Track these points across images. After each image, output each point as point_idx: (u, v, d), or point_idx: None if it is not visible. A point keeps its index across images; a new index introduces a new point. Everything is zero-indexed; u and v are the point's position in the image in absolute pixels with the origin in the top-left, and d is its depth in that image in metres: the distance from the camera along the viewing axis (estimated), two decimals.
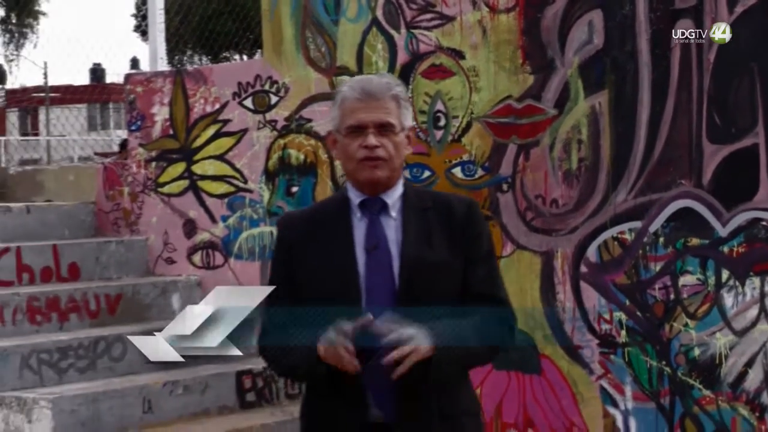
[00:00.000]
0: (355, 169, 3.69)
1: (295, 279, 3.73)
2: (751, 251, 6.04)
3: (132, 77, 8.60)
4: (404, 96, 3.76)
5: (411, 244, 3.66)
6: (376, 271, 3.66)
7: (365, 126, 3.63)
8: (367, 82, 3.75)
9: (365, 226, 3.71)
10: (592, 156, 6.48)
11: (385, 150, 3.64)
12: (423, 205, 3.77)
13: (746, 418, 6.06)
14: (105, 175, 8.46)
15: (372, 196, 3.72)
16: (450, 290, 3.70)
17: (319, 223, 3.76)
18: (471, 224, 3.77)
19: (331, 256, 3.67)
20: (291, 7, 7.58)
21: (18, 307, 7.05)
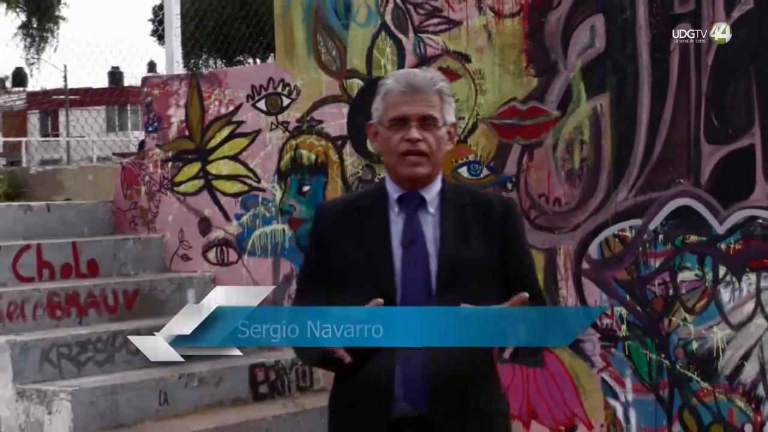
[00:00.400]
0: (396, 163, 3.61)
1: (330, 268, 3.66)
2: (747, 248, 6.05)
3: (149, 80, 8.61)
4: (448, 91, 3.67)
5: (448, 242, 3.57)
6: (412, 267, 3.58)
7: (408, 119, 3.56)
8: (412, 75, 3.65)
9: (402, 221, 3.62)
10: (593, 156, 6.49)
11: (426, 144, 3.56)
12: (461, 202, 3.68)
13: (743, 410, 6.06)
14: (123, 175, 8.47)
15: (411, 191, 3.63)
16: (486, 288, 3.57)
17: (357, 215, 3.68)
18: (509, 223, 3.69)
19: (368, 249, 3.59)
20: (303, 12, 7.59)
21: (38, 302, 7.06)
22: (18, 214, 7.96)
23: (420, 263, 3.57)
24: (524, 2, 6.71)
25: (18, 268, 7.33)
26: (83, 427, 6.37)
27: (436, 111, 3.58)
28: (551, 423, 6.55)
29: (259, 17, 14.08)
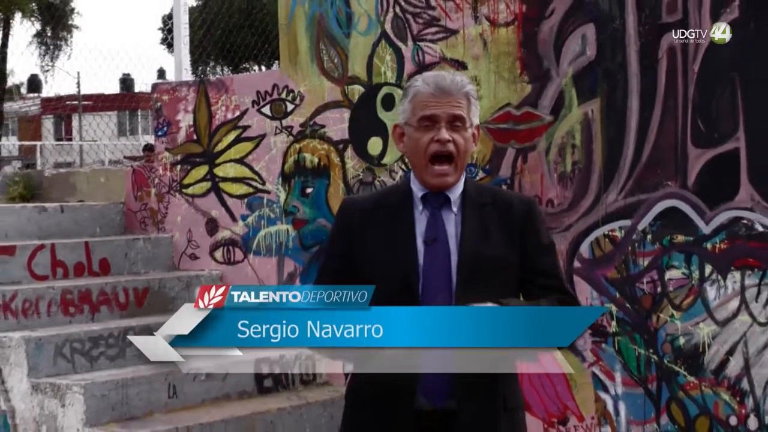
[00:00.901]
0: (425, 167, 3.57)
1: (356, 260, 3.63)
2: (732, 248, 6.05)
3: (159, 87, 8.61)
4: (474, 94, 3.63)
5: (468, 239, 3.54)
6: (434, 263, 3.54)
7: (438, 119, 3.51)
8: (441, 78, 3.59)
9: (426, 219, 3.58)
10: (585, 159, 6.49)
11: (455, 145, 3.52)
12: (482, 201, 3.63)
13: (728, 403, 6.07)
14: (133, 177, 8.47)
15: (435, 192, 3.60)
16: (506, 284, 3.57)
17: (384, 212, 3.64)
18: (530, 221, 3.65)
19: (393, 245, 3.56)
20: (306, 22, 7.60)
21: (53, 299, 7.07)
22: (33, 215, 7.97)
23: (441, 260, 3.54)
24: (518, 12, 6.72)
25: (33, 267, 7.34)
26: (95, 419, 6.37)
27: (464, 112, 3.55)
28: (544, 415, 6.56)
29: (264, 26, 14.09)
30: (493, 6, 6.81)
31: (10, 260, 7.24)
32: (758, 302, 5.98)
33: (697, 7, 6.13)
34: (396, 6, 7.18)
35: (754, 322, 6.00)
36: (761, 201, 5.96)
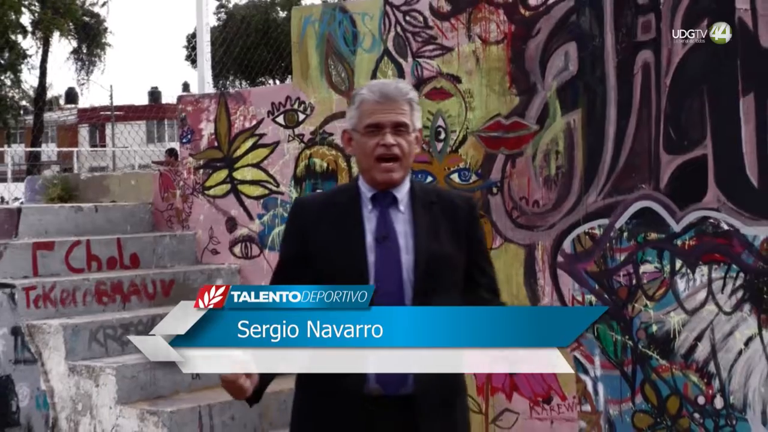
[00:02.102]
0: (371, 167, 3.46)
1: (309, 257, 3.47)
2: (700, 244, 6.04)
3: (183, 98, 8.61)
4: (416, 100, 3.52)
5: (422, 237, 3.41)
6: (385, 260, 3.39)
7: (383, 126, 3.41)
8: (385, 86, 3.49)
9: (375, 218, 3.44)
10: (567, 164, 6.48)
11: (399, 148, 3.42)
12: (429, 200, 3.51)
13: (696, 384, 6.06)
14: (161, 180, 8.47)
15: (382, 191, 3.47)
16: (455, 283, 3.45)
17: (331, 211, 3.51)
18: (473, 221, 3.56)
19: (343, 243, 3.42)
20: (316, 40, 7.59)
21: (88, 290, 7.07)
22: (70, 214, 7.97)
23: (393, 257, 3.41)
24: (507, 31, 6.71)
25: (70, 261, 7.34)
26: (126, 397, 6.38)
27: (407, 118, 3.44)
28: (530, 395, 6.55)
29: (279, 44, 14.08)
30: (485, 26, 6.81)
31: (50, 255, 7.24)
32: (723, 293, 5.97)
33: (669, 27, 6.12)
34: (397, 26, 7.17)
35: (719, 311, 5.99)
36: (726, 202, 5.95)
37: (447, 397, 3.51)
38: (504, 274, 6.58)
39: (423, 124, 6.85)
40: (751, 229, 5.89)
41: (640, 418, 6.24)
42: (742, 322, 5.94)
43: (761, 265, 5.86)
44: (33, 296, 6.74)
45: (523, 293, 6.55)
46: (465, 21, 6.88)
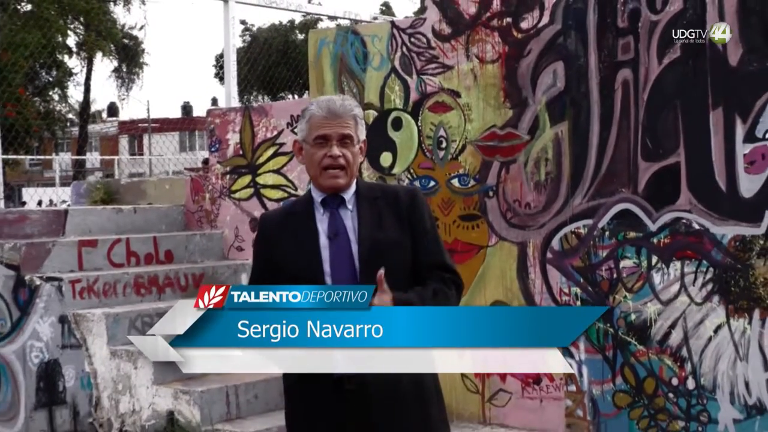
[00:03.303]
0: (319, 175, 3.43)
1: (273, 264, 3.43)
2: (674, 242, 6.04)
3: (212, 112, 8.63)
4: (361, 115, 3.52)
5: (365, 228, 3.38)
6: (339, 254, 3.35)
7: (330, 138, 3.39)
8: (332, 102, 3.47)
9: (327, 219, 3.42)
10: (555, 170, 6.48)
11: (345, 158, 3.40)
12: (373, 195, 3.48)
13: (670, 367, 6.05)
14: (192, 185, 8.49)
15: (332, 195, 3.45)
16: (402, 264, 3.36)
17: (291, 219, 3.49)
18: (414, 208, 3.45)
19: (301, 244, 3.39)
20: (330, 59, 7.60)
21: (127, 283, 7.09)
22: (111, 214, 8.00)
23: (344, 250, 3.36)
24: (502, 51, 6.71)
25: (111, 257, 7.37)
26: (161, 378, 6.40)
27: (352, 131, 3.44)
28: (522, 376, 6.55)
29: (297, 63, 14.11)
30: (482, 47, 6.81)
31: (93, 251, 7.27)
32: (695, 286, 5.97)
33: (646, 48, 6.12)
34: (403, 46, 7.18)
35: (691, 302, 5.99)
36: (697, 204, 5.95)
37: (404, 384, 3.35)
38: (499, 269, 6.59)
39: (426, 134, 6.93)
40: (719, 228, 5.89)
41: (620, 397, 6.23)
42: (711, 312, 5.93)
43: (729, 260, 5.86)
44: (78, 288, 6.76)
45: (516, 286, 6.55)
46: (464, 42, 6.89)
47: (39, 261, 6.94)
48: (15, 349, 6.73)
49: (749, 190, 5.81)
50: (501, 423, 6.68)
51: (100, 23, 27.66)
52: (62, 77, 25.50)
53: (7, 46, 16.25)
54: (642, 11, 6.15)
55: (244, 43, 34.19)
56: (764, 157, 5.77)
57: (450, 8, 6.96)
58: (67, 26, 26.32)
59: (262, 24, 38.92)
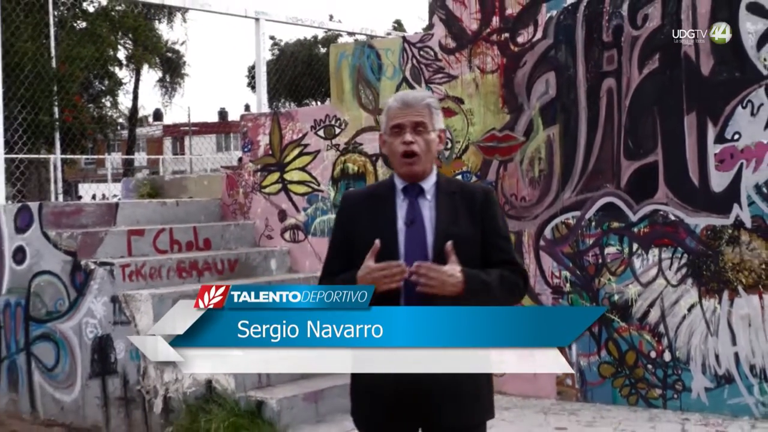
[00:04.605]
0: (397, 162, 3.25)
1: (352, 241, 3.25)
2: (652, 231, 6.03)
3: (245, 116, 8.64)
4: (435, 104, 3.27)
5: (442, 221, 3.19)
6: (413, 241, 3.17)
7: (403, 126, 3.20)
8: (406, 94, 3.31)
9: (406, 206, 3.22)
10: (548, 168, 6.48)
11: (418, 145, 3.18)
12: (451, 190, 3.27)
13: (649, 341, 6.05)
14: (227, 181, 8.50)
15: (412, 183, 3.25)
16: (472, 258, 3.15)
17: (372, 201, 3.30)
18: (488, 206, 3.27)
19: (380, 227, 3.19)
20: (349, 70, 7.60)
21: (170, 267, 7.10)
22: (157, 207, 8.01)
23: (419, 238, 3.18)
24: (500, 63, 6.70)
25: (157, 244, 7.38)
26: None
27: (426, 119, 3.21)
28: None
29: (320, 73, 14.08)
30: (483, 59, 6.80)
31: (141, 239, 7.28)
32: (671, 270, 5.96)
33: (628, 60, 6.11)
34: (413, 59, 7.17)
35: (668, 284, 5.98)
36: (673, 198, 5.94)
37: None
38: None
39: None
40: (693, 219, 5.88)
41: (605, 368, 6.23)
42: (685, 293, 5.92)
43: (701, 248, 5.85)
44: (128, 272, 6.78)
45: None
46: (467, 55, 6.88)
47: (93, 248, 6.97)
48: (72, 326, 6.77)
49: (719, 186, 5.80)
50: (499, 390, 6.66)
51: (146, 39, 27.70)
52: (113, 86, 25.55)
53: (65, 59, 16.27)
54: (624, 27, 6.13)
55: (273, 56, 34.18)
56: (732, 157, 5.76)
57: (454, 25, 6.95)
58: (118, 41, 26.37)
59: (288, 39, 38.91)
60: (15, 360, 7.17)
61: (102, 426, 6.62)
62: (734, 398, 5.75)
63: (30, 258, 7.07)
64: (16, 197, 10.29)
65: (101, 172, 33.43)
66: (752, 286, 5.70)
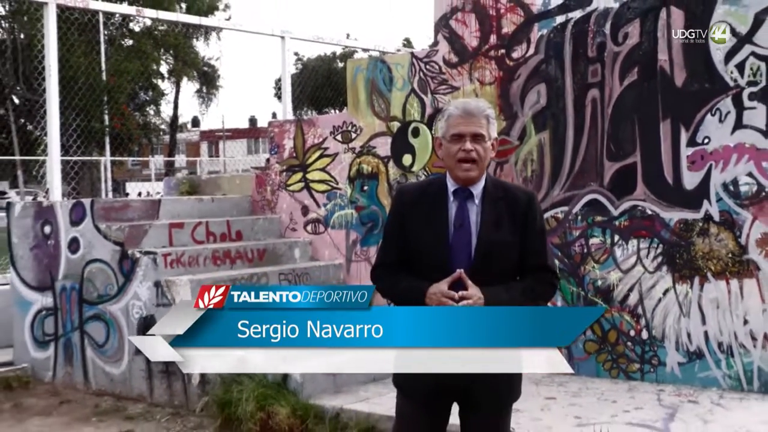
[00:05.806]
0: (454, 167, 3.12)
1: (405, 233, 3.15)
2: (631, 224, 6.03)
3: (272, 123, 8.65)
4: (492, 116, 3.17)
5: (485, 228, 3.08)
6: (460, 242, 3.08)
7: (464, 135, 3.10)
8: (467, 104, 3.17)
9: (455, 208, 3.12)
10: (539, 168, 6.47)
11: (477, 153, 3.09)
12: (497, 195, 3.15)
13: (629, 322, 6.05)
14: (257, 180, 8.51)
15: (463, 187, 3.14)
16: (510, 261, 3.09)
17: (425, 198, 3.17)
18: (530, 210, 3.14)
19: (432, 226, 3.10)
20: (364, 82, 7.60)
21: (207, 256, 7.12)
22: (194, 203, 8.04)
23: (465, 240, 3.08)
24: (497, 76, 6.70)
25: (194, 236, 7.40)
26: None
27: (484, 130, 3.12)
28: None
29: (338, 85, 14.13)
30: (482, 72, 6.80)
31: (180, 231, 7.31)
32: (648, 258, 5.96)
33: (611, 73, 6.10)
34: (420, 72, 7.18)
35: (645, 271, 5.98)
36: (650, 195, 5.93)
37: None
38: None
39: None
40: (667, 214, 5.88)
41: (590, 345, 6.23)
42: (661, 279, 5.92)
43: (674, 239, 5.85)
44: (169, 260, 6.80)
45: None
46: (468, 68, 6.88)
47: (139, 239, 7.00)
48: (120, 307, 6.80)
49: (691, 184, 5.80)
50: None
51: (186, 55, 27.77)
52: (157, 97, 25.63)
53: (114, 73, 16.33)
54: (607, 44, 6.13)
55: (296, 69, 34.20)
56: (703, 158, 5.76)
57: (457, 42, 6.95)
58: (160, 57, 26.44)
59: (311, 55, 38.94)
60: (70, 338, 7.21)
61: (147, 395, 6.66)
62: (704, 372, 5.75)
63: (83, 248, 7.11)
64: (71, 194, 10.34)
65: (146, 172, 33.56)
66: (720, 272, 5.70)
